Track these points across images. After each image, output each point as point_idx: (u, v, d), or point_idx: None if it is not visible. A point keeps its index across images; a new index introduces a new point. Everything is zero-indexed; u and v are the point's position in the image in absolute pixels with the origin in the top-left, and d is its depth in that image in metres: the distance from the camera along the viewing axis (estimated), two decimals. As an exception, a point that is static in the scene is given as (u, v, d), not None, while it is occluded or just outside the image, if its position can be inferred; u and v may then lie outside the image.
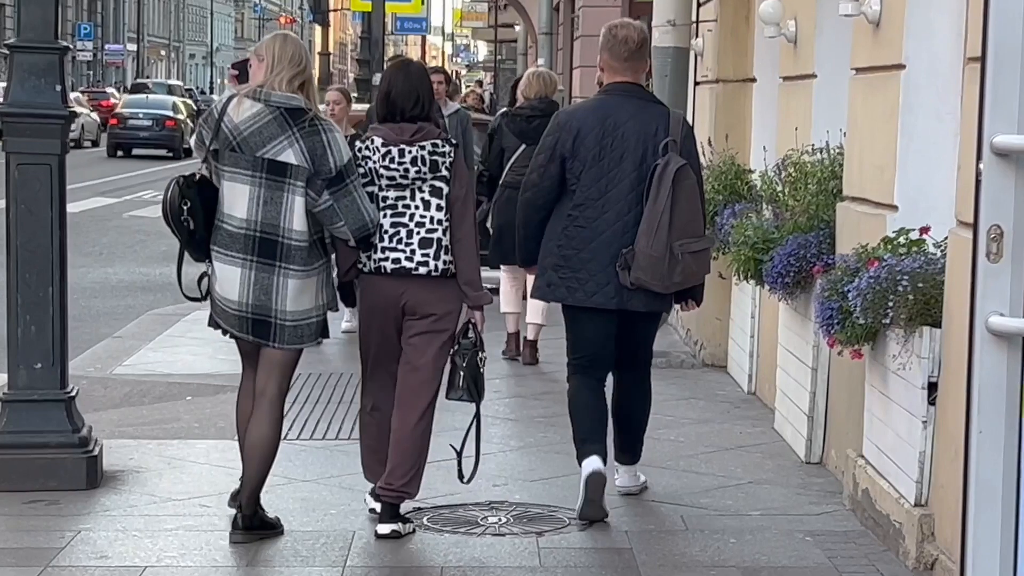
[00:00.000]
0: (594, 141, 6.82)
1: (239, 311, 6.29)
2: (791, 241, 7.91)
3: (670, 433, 8.64)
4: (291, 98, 6.19)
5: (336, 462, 7.78)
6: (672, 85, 10.90)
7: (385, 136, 6.47)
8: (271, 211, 6.19)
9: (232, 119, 6.21)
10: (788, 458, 8.06)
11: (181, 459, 7.89)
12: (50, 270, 7.22)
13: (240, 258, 6.24)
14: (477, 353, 6.55)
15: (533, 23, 33.96)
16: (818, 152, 8.21)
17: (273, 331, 6.29)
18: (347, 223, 6.28)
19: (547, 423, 8.82)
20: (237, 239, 6.23)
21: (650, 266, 6.71)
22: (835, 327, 6.63)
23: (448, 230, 6.47)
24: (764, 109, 10.21)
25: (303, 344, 6.38)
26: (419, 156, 6.44)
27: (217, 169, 6.28)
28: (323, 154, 6.19)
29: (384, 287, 6.46)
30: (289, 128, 6.18)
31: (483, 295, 6.56)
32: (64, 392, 7.30)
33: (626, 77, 6.99)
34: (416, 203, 6.47)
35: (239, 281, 6.25)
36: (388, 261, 6.44)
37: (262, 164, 6.18)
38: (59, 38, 7.22)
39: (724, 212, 9.66)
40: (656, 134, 6.82)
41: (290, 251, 6.22)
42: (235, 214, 6.23)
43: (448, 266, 6.46)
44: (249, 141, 6.18)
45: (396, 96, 6.51)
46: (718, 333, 10.80)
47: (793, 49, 8.93)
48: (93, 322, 13.46)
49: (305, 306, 6.30)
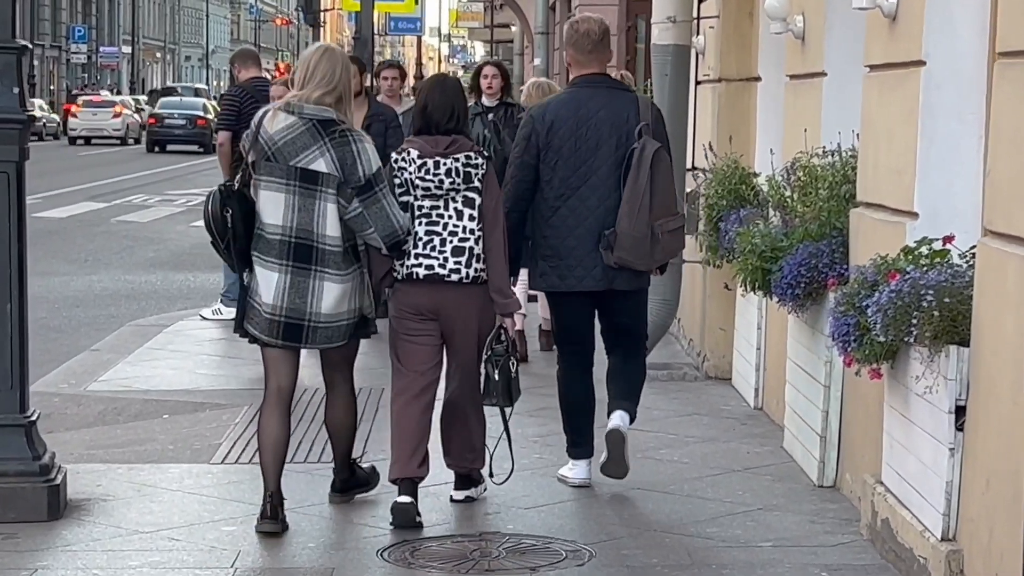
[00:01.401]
0: (569, 132, 7.11)
1: (272, 315, 6.53)
2: (801, 250, 7.42)
3: (673, 453, 8.15)
4: (323, 110, 6.48)
5: (317, 488, 7.29)
6: (672, 84, 10.40)
7: (421, 148, 6.75)
8: (305, 217, 6.48)
9: (267, 130, 6.50)
10: (799, 481, 7.57)
11: (152, 485, 7.40)
12: (8, 286, 6.76)
13: (277, 263, 6.51)
14: (509, 359, 6.84)
15: (529, 23, 33.54)
16: (829, 155, 7.74)
17: (305, 333, 6.55)
18: (377, 230, 6.53)
19: (542, 443, 8.33)
20: (274, 245, 6.50)
21: (633, 246, 7.02)
22: (852, 344, 6.14)
23: (480, 239, 6.73)
24: (769, 110, 9.74)
25: (332, 344, 6.63)
26: (453, 168, 6.72)
27: (255, 180, 6.54)
28: (353, 163, 6.46)
29: (418, 293, 6.73)
30: (321, 138, 6.47)
31: (512, 302, 6.85)
32: (24, 416, 6.81)
33: (593, 68, 7.32)
34: (449, 213, 6.74)
35: (275, 285, 6.51)
36: (421, 268, 6.72)
37: (295, 173, 6.47)
38: (17, 36, 6.74)
39: (728, 218, 9.18)
40: (628, 120, 7.13)
41: (325, 255, 6.50)
42: (272, 221, 6.50)
43: (479, 274, 6.74)
44: (283, 151, 6.47)
45: (432, 110, 6.79)
46: (722, 344, 10.32)
47: (801, 46, 8.45)
48: (73, 333, 13.00)
49: (339, 309, 6.55)
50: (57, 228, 22.51)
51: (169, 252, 19.64)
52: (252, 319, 6.60)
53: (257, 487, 7.28)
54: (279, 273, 6.51)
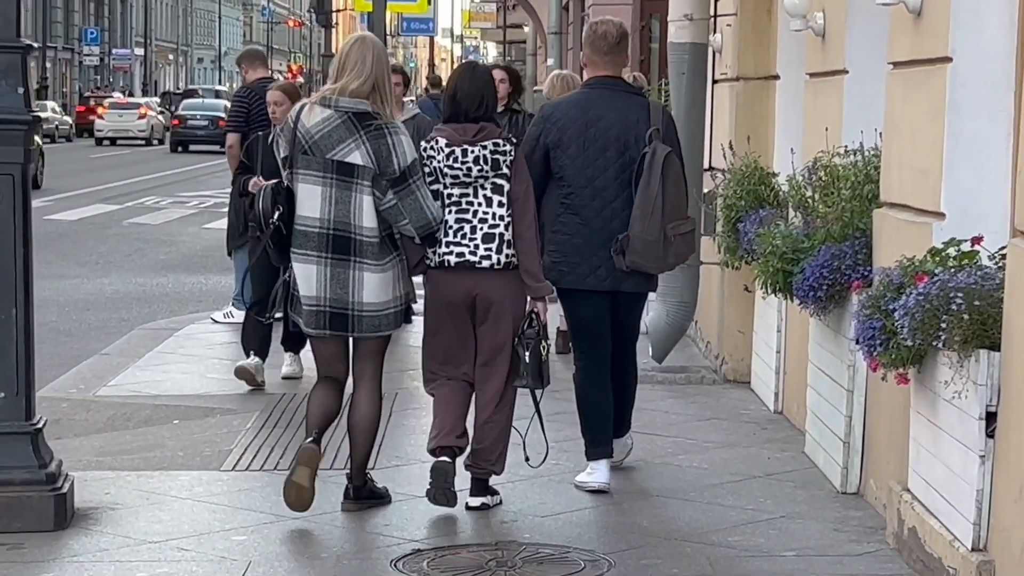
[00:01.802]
0: (578, 132, 7.17)
1: (316, 306, 6.65)
2: (823, 251, 7.26)
3: (693, 459, 7.98)
4: (358, 103, 6.57)
5: (329, 495, 7.12)
6: (689, 83, 10.23)
7: (449, 136, 6.81)
8: (342, 209, 6.58)
9: (304, 124, 6.62)
10: (822, 487, 7.40)
11: (161, 493, 7.24)
12: (13, 290, 6.58)
13: (316, 256, 6.63)
14: (540, 342, 6.88)
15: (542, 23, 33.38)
16: (851, 154, 7.57)
17: (351, 322, 6.65)
18: (411, 221, 6.63)
19: (559, 449, 8.15)
20: (312, 238, 6.62)
21: (645, 249, 7.09)
22: (878, 348, 5.97)
23: (510, 225, 6.80)
24: (788, 108, 9.57)
25: (381, 333, 6.74)
26: (481, 155, 6.78)
27: (292, 174, 6.67)
28: (388, 156, 6.56)
29: (450, 280, 6.82)
30: (357, 131, 6.57)
31: (544, 286, 6.91)
32: (30, 424, 6.66)
33: (607, 71, 7.37)
34: (479, 200, 6.81)
35: (315, 278, 6.63)
36: (452, 255, 6.79)
37: (332, 165, 6.58)
38: (22, 35, 6.59)
39: (747, 219, 9.01)
40: (637, 124, 7.19)
41: (362, 246, 6.60)
42: (309, 214, 6.62)
43: (510, 259, 6.81)
44: (320, 144, 6.58)
45: (462, 98, 6.85)
46: (741, 347, 10.15)
47: (821, 43, 8.28)
48: (83, 337, 12.86)
49: (383, 298, 6.66)
50: (68, 230, 22.40)
51: (181, 255, 19.51)
52: (298, 314, 6.75)
53: (268, 495, 7.19)
54: (318, 265, 6.63)
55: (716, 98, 10.76)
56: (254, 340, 9.83)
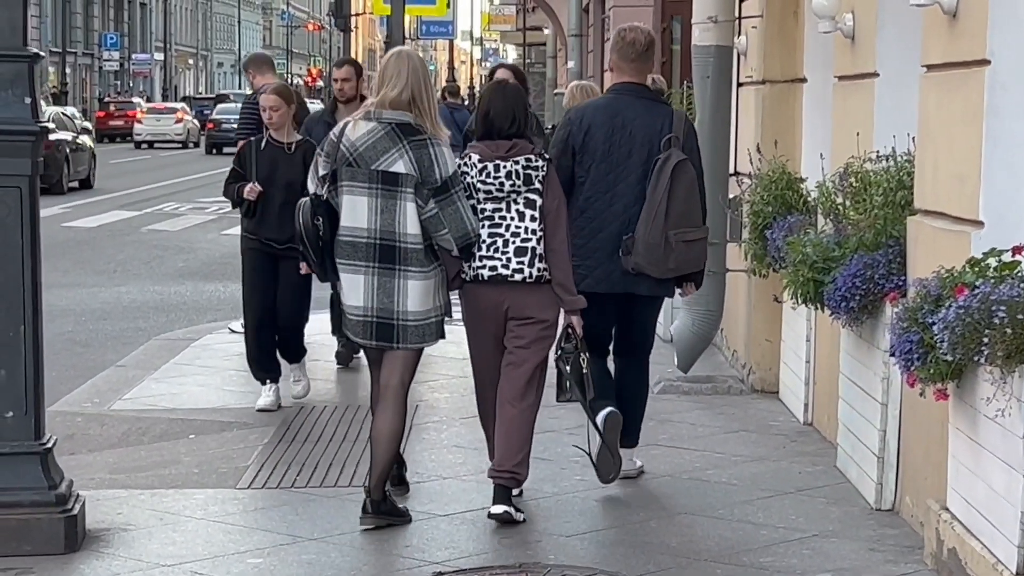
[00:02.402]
0: (604, 137, 7.26)
1: (364, 316, 6.73)
2: (856, 260, 7.04)
3: (721, 474, 7.76)
4: (401, 115, 6.70)
5: (348, 515, 6.93)
6: (714, 87, 10.01)
7: (481, 153, 6.94)
8: (387, 219, 6.69)
9: (349, 138, 6.72)
10: (855, 504, 7.18)
11: (176, 513, 7.05)
12: (21, 306, 6.41)
13: (363, 266, 6.71)
14: (579, 356, 6.99)
15: (562, 25, 33.20)
16: (883, 159, 7.35)
17: (396, 333, 6.73)
18: (450, 231, 6.73)
19: (584, 462, 7.94)
20: (359, 248, 6.71)
21: (646, 252, 7.17)
22: (915, 363, 5.75)
23: (542, 239, 6.88)
24: (816, 112, 9.36)
25: (425, 343, 6.82)
26: (513, 171, 6.88)
27: (336, 187, 6.75)
28: (430, 165, 6.67)
29: (484, 294, 6.92)
30: (400, 141, 6.69)
31: (578, 299, 6.96)
32: (39, 444, 6.47)
33: (632, 78, 7.45)
34: (511, 214, 6.91)
35: (363, 287, 6.71)
36: (485, 269, 6.88)
37: (377, 176, 6.69)
38: (28, 44, 6.39)
39: (775, 226, 8.80)
40: (661, 132, 7.26)
41: (407, 254, 6.69)
42: (356, 225, 6.71)
43: (542, 273, 6.89)
44: (364, 156, 6.69)
45: (494, 116, 6.99)
46: (768, 356, 9.93)
47: (850, 45, 8.06)
48: (100, 347, 12.68)
49: (427, 307, 6.74)
50: (86, 238, 22.25)
51: (199, 262, 19.33)
52: (345, 324, 6.84)
53: (285, 514, 7.01)
54: (365, 275, 6.72)
55: (741, 102, 10.54)
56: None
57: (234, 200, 9.50)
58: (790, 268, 7.70)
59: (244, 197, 9.33)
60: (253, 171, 9.36)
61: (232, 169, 9.59)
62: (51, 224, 24.03)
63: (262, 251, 9.38)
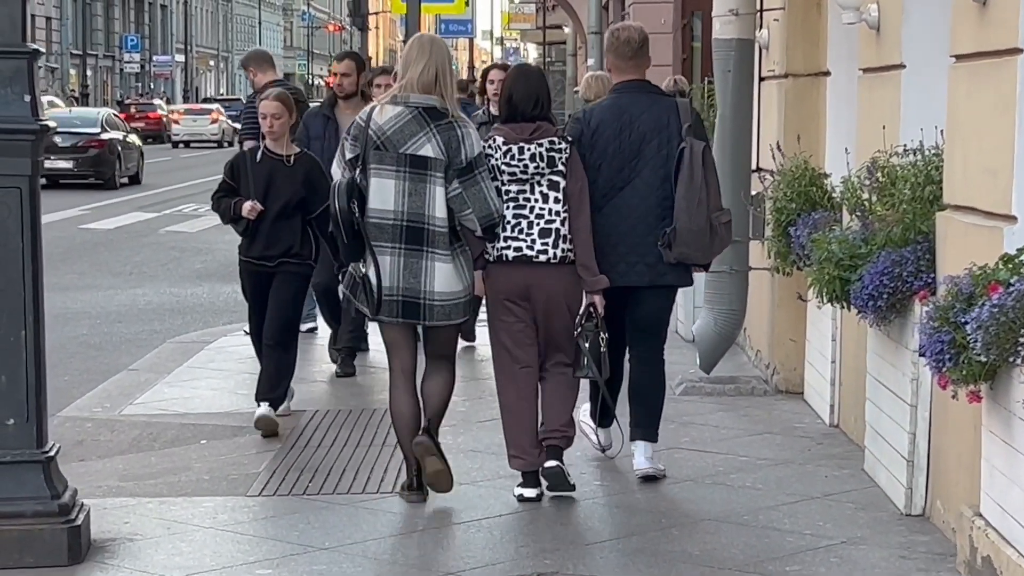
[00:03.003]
0: (613, 135, 7.33)
1: (390, 296, 6.86)
2: (883, 257, 6.81)
3: (746, 478, 7.54)
4: (427, 98, 6.84)
5: (361, 524, 6.74)
6: (736, 81, 9.79)
7: (506, 135, 7.06)
8: (416, 201, 6.82)
9: (377, 122, 6.86)
10: (884, 509, 6.95)
11: (184, 522, 6.85)
12: (22, 310, 6.19)
13: (390, 247, 6.84)
14: (599, 334, 7.11)
15: (582, 23, 32.98)
16: (910, 153, 7.12)
17: (422, 311, 6.88)
18: (474, 211, 6.89)
19: (604, 467, 7.76)
20: (385, 230, 6.84)
21: (693, 240, 7.27)
22: (947, 364, 5.53)
23: (566, 221, 7.03)
24: (840, 106, 9.13)
25: (452, 321, 6.97)
26: (537, 153, 7.03)
27: (364, 171, 6.87)
28: (457, 147, 6.83)
29: (508, 274, 7.04)
30: (427, 125, 6.83)
31: (600, 279, 7.11)
32: (41, 452, 6.27)
33: (633, 75, 7.55)
34: (535, 196, 7.05)
35: (389, 268, 6.84)
36: (510, 250, 7.02)
37: (405, 159, 6.82)
38: (27, 40, 6.20)
39: (799, 223, 8.57)
40: (668, 124, 7.37)
41: (435, 236, 6.84)
42: (383, 207, 6.85)
43: (566, 254, 7.04)
44: (392, 139, 6.83)
45: (518, 99, 7.12)
46: (793, 356, 9.70)
47: (875, 36, 7.84)
48: (114, 351, 12.51)
49: (454, 288, 6.91)
50: (104, 240, 22.10)
51: (217, 263, 19.12)
52: (363, 303, 6.93)
53: (296, 522, 6.82)
54: (391, 256, 6.85)
55: (763, 96, 10.32)
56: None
57: (227, 217, 8.71)
58: (815, 266, 7.48)
59: (242, 215, 8.59)
60: (250, 186, 8.60)
61: (222, 181, 8.76)
62: (69, 226, 23.93)
63: (258, 272, 8.77)
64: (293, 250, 8.64)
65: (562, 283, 7.08)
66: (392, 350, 7.10)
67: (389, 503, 7.10)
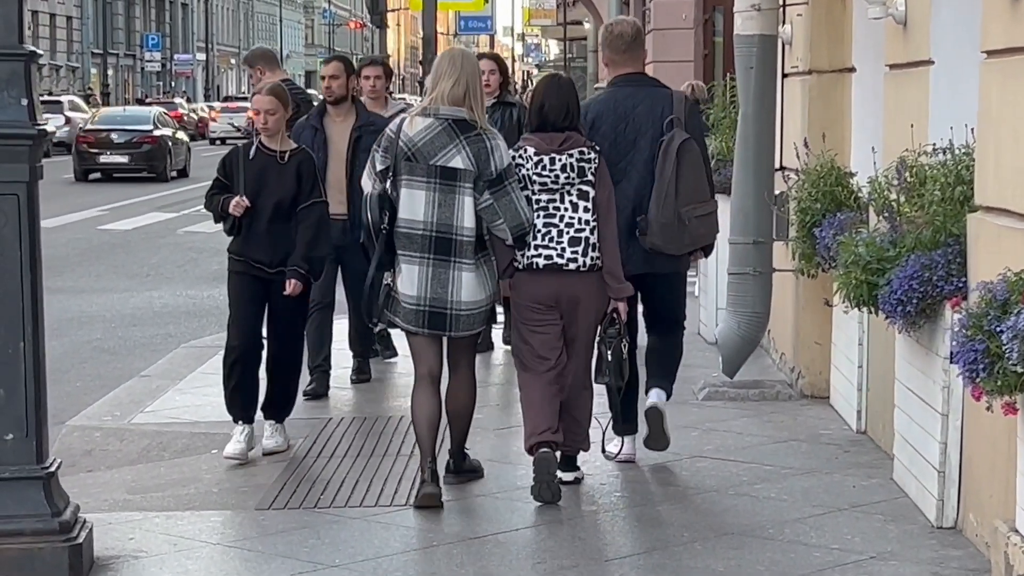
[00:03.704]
0: (609, 128, 7.49)
1: (417, 305, 6.98)
2: (912, 260, 6.57)
3: (771, 488, 7.30)
4: (457, 111, 6.97)
5: (373, 539, 6.53)
6: (758, 78, 9.53)
7: (537, 145, 7.18)
8: (445, 212, 6.95)
9: (407, 133, 6.98)
10: (914, 521, 6.71)
11: (190, 538, 6.64)
12: (20, 322, 5.99)
13: (418, 257, 6.96)
14: (621, 341, 7.23)
15: (603, 19, 32.70)
16: (940, 152, 6.88)
17: (448, 321, 7.00)
18: (505, 220, 7.00)
19: (624, 478, 7.54)
20: (415, 240, 6.96)
21: (662, 231, 7.43)
22: (981, 374, 5.29)
23: (594, 229, 7.15)
24: (866, 103, 8.89)
25: (475, 330, 7.11)
26: (568, 163, 7.15)
27: (394, 182, 6.99)
28: (486, 159, 6.95)
29: (538, 281, 7.15)
30: (457, 137, 6.95)
31: (626, 287, 7.23)
32: (41, 467, 6.06)
33: (628, 68, 7.73)
34: (565, 205, 7.16)
35: (417, 277, 6.96)
36: (540, 258, 7.13)
37: (435, 171, 6.95)
38: (24, 41, 5.99)
39: (824, 223, 8.34)
40: (663, 115, 7.52)
41: (462, 247, 6.97)
42: (413, 217, 6.97)
43: (595, 262, 7.16)
44: (423, 151, 6.95)
45: (548, 110, 7.22)
46: (818, 360, 9.46)
47: (903, 31, 7.60)
48: (128, 355, 12.33)
49: (478, 296, 7.02)
50: (121, 241, 21.92)
51: (234, 264, 18.93)
52: (396, 312, 7.03)
53: (306, 537, 6.62)
54: (420, 266, 6.97)
55: (787, 93, 10.08)
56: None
57: (217, 214, 8.22)
58: (841, 269, 7.24)
59: (229, 212, 8.07)
60: (240, 182, 8.10)
61: (216, 179, 8.30)
62: (88, 227, 23.79)
63: (249, 275, 8.16)
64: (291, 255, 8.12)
65: (590, 290, 7.18)
66: (418, 358, 7.16)
67: (403, 516, 6.89)
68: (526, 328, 7.21)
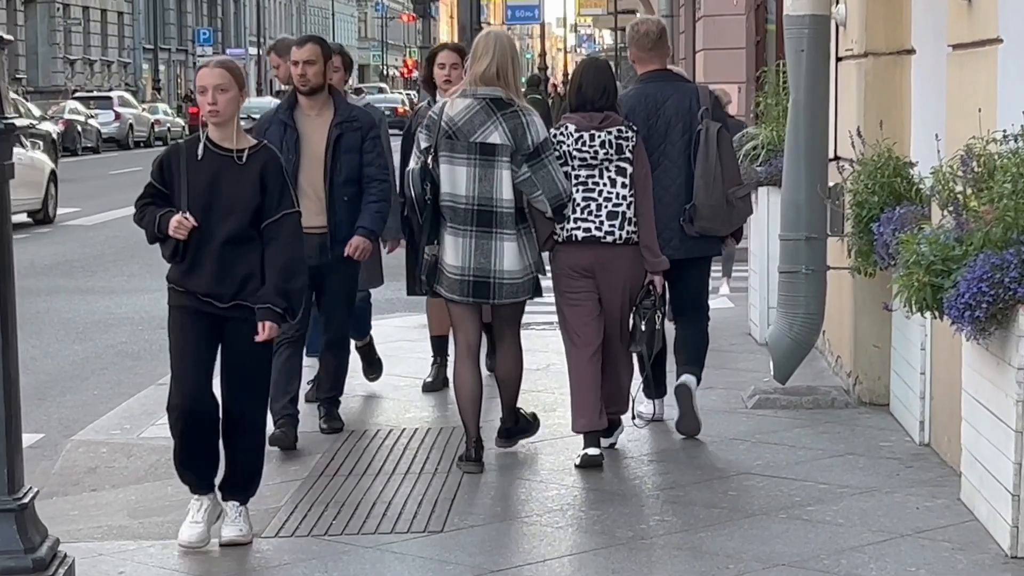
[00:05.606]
0: (642, 122, 7.86)
1: (461, 275, 7.36)
2: (981, 261, 5.92)
3: (825, 511, 6.66)
4: (493, 90, 7.38)
5: (384, 571, 5.94)
6: (810, 62, 8.88)
7: (577, 123, 7.57)
8: (485, 186, 7.33)
9: (448, 114, 7.38)
10: (985, 549, 6.05)
11: (185, 572, 6.07)
12: (-12, 337, 5.41)
13: (462, 229, 7.33)
14: (656, 312, 7.59)
15: (654, 8, 32.12)
16: (1010, 140, 6.22)
17: (492, 290, 7.38)
18: (544, 192, 7.38)
19: (666, 499, 6.92)
20: (458, 213, 7.34)
21: (712, 214, 7.91)
22: (1063, 392, 4.64)
23: (631, 204, 7.54)
24: (927, 87, 8.25)
25: (518, 298, 7.47)
26: (607, 140, 7.53)
27: (435, 158, 7.35)
28: (523, 134, 7.35)
29: (577, 253, 7.54)
30: (494, 114, 7.35)
31: (662, 260, 7.60)
32: (13, 499, 5.43)
33: (655, 65, 8.24)
34: (604, 181, 7.54)
35: (461, 249, 7.34)
36: (579, 231, 7.52)
37: (475, 147, 7.33)
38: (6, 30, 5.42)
39: (883, 218, 7.70)
40: (691, 108, 8.01)
41: (502, 218, 7.35)
42: (456, 192, 7.36)
43: (631, 235, 7.54)
44: (463, 129, 7.34)
45: (587, 89, 7.63)
46: (877, 364, 8.80)
47: (967, 8, 6.95)
48: (152, 360, 11.78)
49: (520, 266, 7.40)
50: (150, 238, 21.39)
51: (272, 262, 18.41)
52: (440, 282, 7.40)
53: (313, 569, 6.06)
54: (463, 237, 7.33)
55: (841, 77, 9.45)
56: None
57: (152, 235, 6.35)
58: (902, 270, 6.58)
59: (168, 234, 6.26)
60: (183, 192, 6.23)
61: (148, 184, 6.37)
62: (126, 224, 23.25)
63: (197, 311, 6.34)
64: (252, 285, 6.24)
65: (626, 263, 7.54)
66: (458, 326, 7.55)
67: (419, 546, 6.30)
68: (564, 300, 7.58)
